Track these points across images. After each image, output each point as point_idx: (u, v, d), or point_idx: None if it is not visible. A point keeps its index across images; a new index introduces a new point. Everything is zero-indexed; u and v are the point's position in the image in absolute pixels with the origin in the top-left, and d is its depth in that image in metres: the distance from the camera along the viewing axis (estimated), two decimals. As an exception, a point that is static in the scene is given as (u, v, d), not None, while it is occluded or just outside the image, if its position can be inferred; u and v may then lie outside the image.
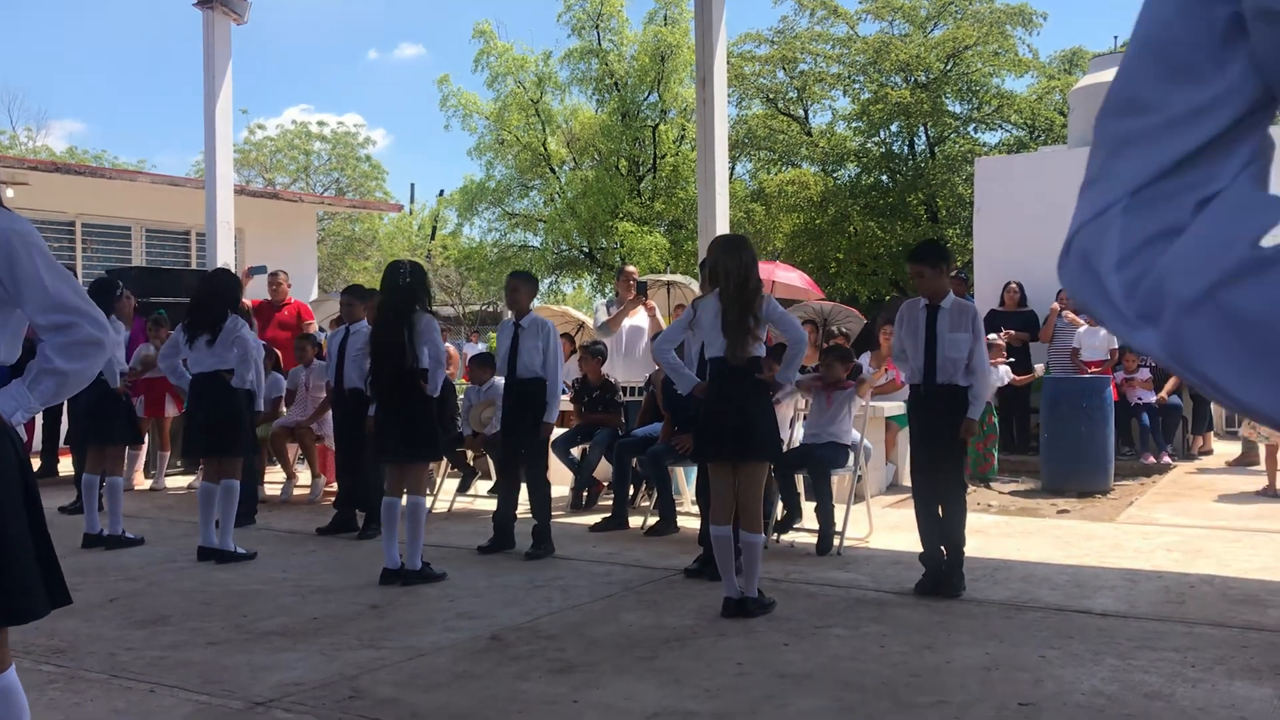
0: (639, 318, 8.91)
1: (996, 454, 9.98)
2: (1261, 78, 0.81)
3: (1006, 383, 10.27)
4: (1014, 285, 11.48)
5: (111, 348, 2.67)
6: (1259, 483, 8.99)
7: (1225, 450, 11.17)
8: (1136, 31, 0.86)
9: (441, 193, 34.70)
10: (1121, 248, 0.83)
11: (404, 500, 6.14)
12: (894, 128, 26.67)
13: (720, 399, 5.23)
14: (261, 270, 11.12)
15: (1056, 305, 11.13)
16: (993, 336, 9.77)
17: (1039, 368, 11.18)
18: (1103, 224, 0.84)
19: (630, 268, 9.19)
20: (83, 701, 4.07)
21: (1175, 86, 0.83)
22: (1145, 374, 10.69)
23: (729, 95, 21.74)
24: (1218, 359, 0.77)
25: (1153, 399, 10.67)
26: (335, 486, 8.20)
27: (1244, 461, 10.17)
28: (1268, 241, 0.77)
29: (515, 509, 7.00)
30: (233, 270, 9.11)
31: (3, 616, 2.51)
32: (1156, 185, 0.83)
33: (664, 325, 9.26)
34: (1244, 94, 0.82)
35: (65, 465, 9.92)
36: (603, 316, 8.89)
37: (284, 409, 9.39)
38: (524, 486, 6.92)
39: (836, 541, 6.73)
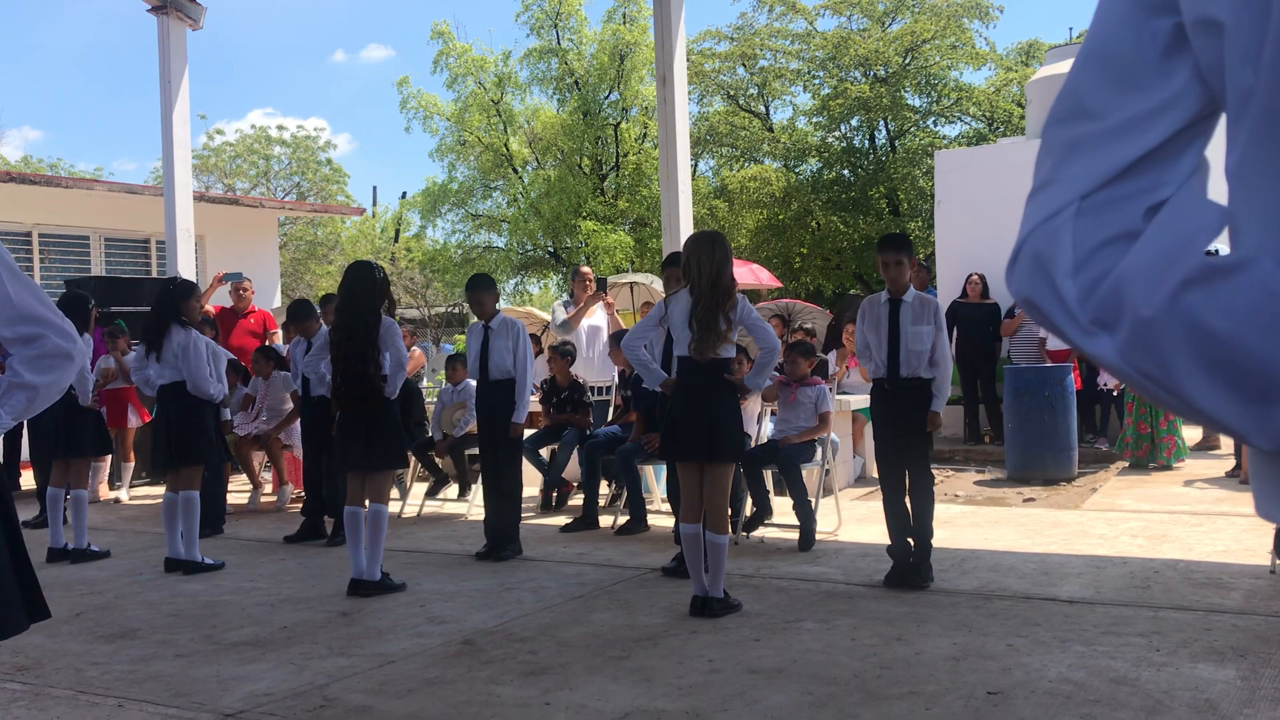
0: (596, 317, 8.88)
1: (1176, 435, 9.51)
2: (1206, 87, 0.83)
3: None
4: (976, 277, 11.54)
5: (81, 358, 2.63)
6: (1220, 467, 9.12)
7: (1188, 434, 11.30)
8: (1085, 42, 0.88)
9: (404, 195, 34.55)
10: (1075, 252, 0.83)
11: (366, 508, 6.03)
12: (854, 122, 26.81)
13: (687, 398, 5.23)
14: (237, 277, 10.99)
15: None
16: None
17: None
18: (1054, 227, 0.85)
19: (585, 268, 9.14)
20: (49, 719, 4.02)
21: (1121, 94, 0.84)
22: None
23: (690, 93, 21.76)
24: (1178, 367, 0.77)
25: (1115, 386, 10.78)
26: (302, 493, 8.14)
27: (1205, 445, 10.32)
28: (1215, 247, 0.78)
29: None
30: (192, 279, 8.99)
31: None
32: (1106, 190, 0.84)
33: (623, 324, 9.24)
34: (1188, 102, 0.84)
35: (26, 479, 9.79)
36: (561, 315, 8.82)
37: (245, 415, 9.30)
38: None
39: (806, 536, 6.75)
